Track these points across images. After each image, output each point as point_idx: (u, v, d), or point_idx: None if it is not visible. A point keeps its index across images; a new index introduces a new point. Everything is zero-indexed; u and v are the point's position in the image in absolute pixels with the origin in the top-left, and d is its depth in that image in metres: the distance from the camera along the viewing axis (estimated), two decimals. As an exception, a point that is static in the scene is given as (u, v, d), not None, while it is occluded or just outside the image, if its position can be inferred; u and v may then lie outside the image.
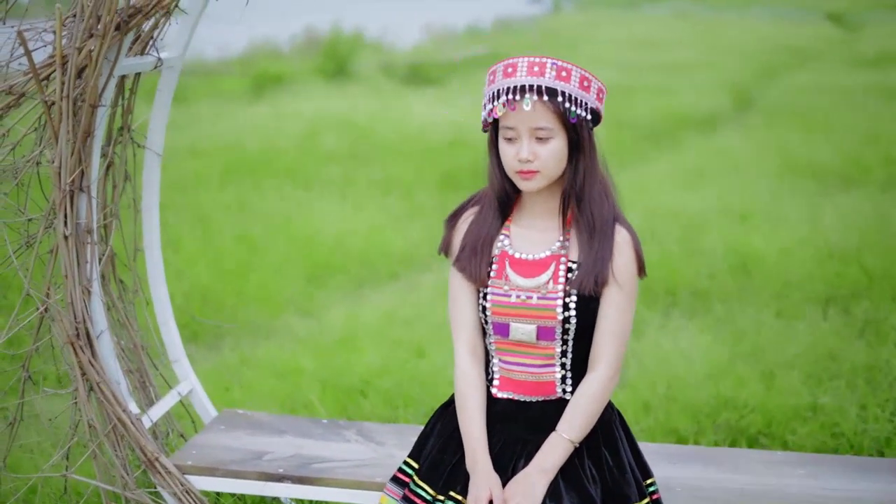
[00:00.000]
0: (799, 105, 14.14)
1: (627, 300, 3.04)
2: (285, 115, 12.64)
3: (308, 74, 16.38)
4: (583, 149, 2.99)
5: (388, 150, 10.98)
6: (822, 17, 29.34)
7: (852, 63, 18.72)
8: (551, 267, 3.02)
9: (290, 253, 7.90)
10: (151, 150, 3.77)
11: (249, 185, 9.65)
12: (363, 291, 7.49)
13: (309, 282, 7.51)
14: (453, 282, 3.15)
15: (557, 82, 2.90)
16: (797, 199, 9.14)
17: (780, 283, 6.98)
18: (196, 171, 9.79)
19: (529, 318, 3.01)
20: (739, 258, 7.40)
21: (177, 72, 3.74)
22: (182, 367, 3.95)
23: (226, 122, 12.23)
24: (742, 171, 10.33)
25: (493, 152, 3.08)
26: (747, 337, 6.14)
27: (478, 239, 3.10)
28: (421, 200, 9.46)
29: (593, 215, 3.01)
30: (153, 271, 3.91)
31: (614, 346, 3.03)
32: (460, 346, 3.14)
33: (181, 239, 7.91)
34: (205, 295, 7.01)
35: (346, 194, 9.61)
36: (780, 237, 7.80)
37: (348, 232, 8.41)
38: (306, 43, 19.49)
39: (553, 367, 3.05)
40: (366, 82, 15.73)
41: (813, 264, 7.23)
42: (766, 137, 12.17)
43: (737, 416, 5.13)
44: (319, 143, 11.23)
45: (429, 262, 8.09)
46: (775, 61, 19.34)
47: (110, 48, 3.21)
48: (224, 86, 15.20)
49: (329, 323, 6.70)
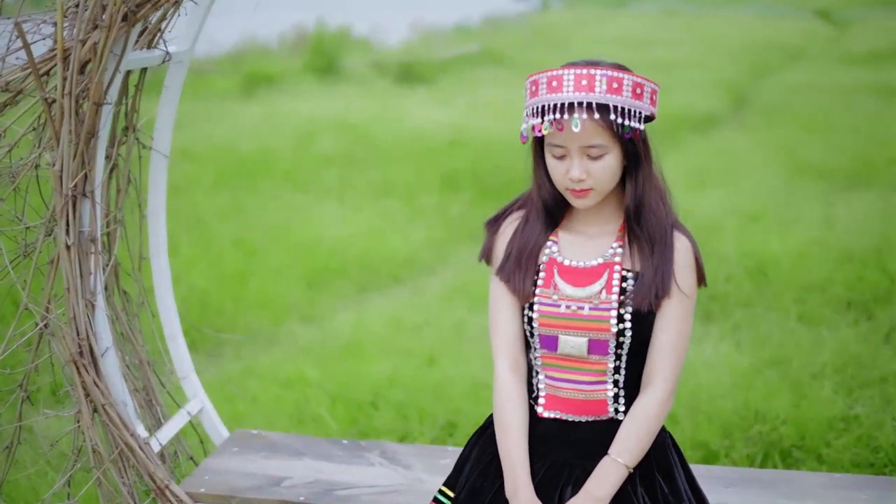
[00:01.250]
0: (796, 104, 13.93)
1: (686, 313, 2.80)
2: (278, 115, 12.37)
3: (298, 73, 16.10)
4: (639, 160, 2.75)
5: (385, 152, 10.71)
6: (809, 14, 29.23)
7: (844, 60, 18.54)
8: (604, 275, 2.77)
9: (290, 257, 7.65)
10: (158, 152, 3.49)
11: (245, 187, 9.37)
12: (366, 296, 7.25)
13: (310, 287, 7.26)
14: (495, 291, 2.90)
15: (609, 96, 2.64)
16: (807, 199, 8.91)
17: (798, 286, 6.74)
18: (189, 173, 9.50)
19: (580, 331, 2.77)
20: (755, 261, 7.15)
21: (185, 67, 3.47)
22: (191, 385, 3.68)
23: (217, 122, 11.94)
24: (747, 172, 10.08)
25: (540, 164, 2.82)
26: (770, 343, 5.90)
27: (523, 249, 2.85)
28: (421, 202, 9.20)
29: (651, 225, 2.77)
30: (159, 281, 3.62)
31: (672, 362, 2.78)
32: (501, 362, 2.88)
33: (177, 244, 7.63)
34: (203, 301, 6.75)
35: (345, 197, 9.34)
36: (794, 239, 7.56)
37: (348, 235, 8.16)
38: (295, 40, 19.22)
39: (605, 384, 2.80)
40: (357, 81, 15.45)
41: (831, 267, 6.99)
42: (767, 137, 11.94)
43: (768, 428, 4.89)
44: (315, 144, 10.96)
45: (432, 265, 7.86)
46: (766, 59, 19.17)
47: (116, 41, 2.93)
48: (213, 84, 14.90)
49: (333, 330, 6.46)
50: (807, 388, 5.24)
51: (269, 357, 5.99)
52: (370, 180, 9.84)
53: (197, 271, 7.16)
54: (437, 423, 5.05)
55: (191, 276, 7.05)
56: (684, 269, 2.78)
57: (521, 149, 2.88)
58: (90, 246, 3.07)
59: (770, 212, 8.45)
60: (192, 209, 8.52)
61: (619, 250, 2.79)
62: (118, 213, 3.43)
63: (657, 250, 2.76)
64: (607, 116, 2.64)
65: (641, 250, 2.77)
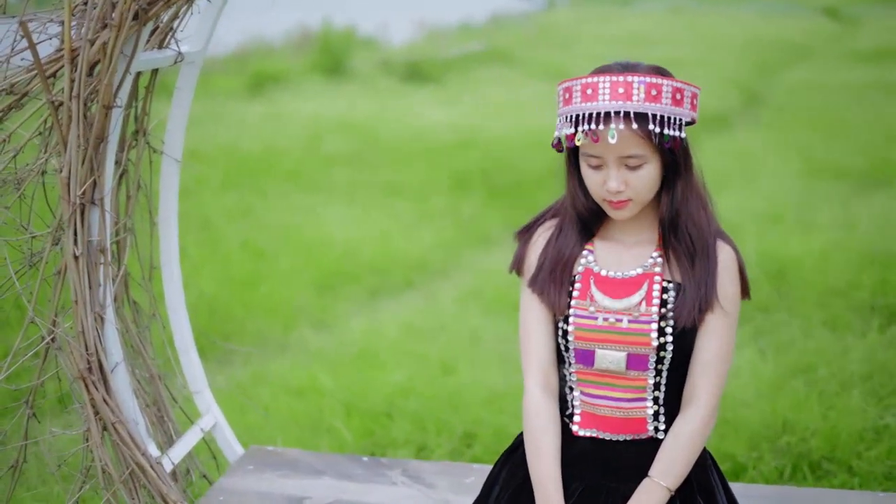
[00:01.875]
0: (808, 103, 13.77)
1: (730, 328, 2.65)
2: (284, 115, 12.19)
3: (304, 72, 15.93)
4: (679, 169, 2.59)
5: (392, 151, 10.55)
6: (816, 11, 29.04)
7: (851, 58, 18.36)
8: (644, 286, 2.62)
9: (300, 260, 7.49)
10: (169, 156, 3.34)
11: (252, 189, 9.21)
12: (378, 301, 7.09)
13: (320, 291, 7.10)
14: (526, 304, 2.75)
15: (647, 104, 2.49)
16: (826, 200, 8.74)
17: (821, 290, 6.58)
18: (195, 174, 9.33)
19: (618, 345, 2.62)
20: (775, 264, 6.98)
21: (198, 68, 3.31)
22: (204, 400, 3.52)
23: (223, 122, 11.77)
24: (763, 172, 9.92)
25: (573, 173, 2.68)
26: (794, 350, 5.74)
27: (557, 261, 2.70)
28: (431, 204, 9.03)
29: (692, 235, 2.62)
30: (171, 292, 3.46)
31: (714, 379, 2.63)
32: (531, 379, 2.73)
33: (184, 247, 7.44)
34: (212, 306, 6.60)
35: (353, 198, 9.18)
36: (815, 241, 7.39)
37: (358, 238, 8.01)
38: (300, 40, 19.06)
39: (644, 401, 2.65)
40: (363, 80, 15.28)
41: (853, 270, 6.83)
42: (780, 136, 11.78)
43: (796, 439, 4.74)
44: (322, 144, 10.79)
45: (444, 268, 7.70)
46: (772, 57, 19.00)
47: (126, 40, 2.78)
48: (218, 84, 14.73)
49: (345, 336, 6.31)
50: (835, 397, 5.09)
51: (280, 364, 5.84)
52: (378, 181, 9.68)
53: (205, 275, 7.01)
54: (454, 433, 4.90)
55: (199, 281, 6.90)
56: (728, 281, 2.63)
57: (531, 148, 2.74)
58: (99, 256, 2.92)
59: (788, 213, 8.28)
60: (200, 211, 8.36)
61: (660, 260, 2.64)
62: (128, 220, 3.27)
63: (699, 262, 2.61)
64: (646, 126, 2.49)
65: (681, 262, 2.62)
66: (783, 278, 6.82)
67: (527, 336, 2.74)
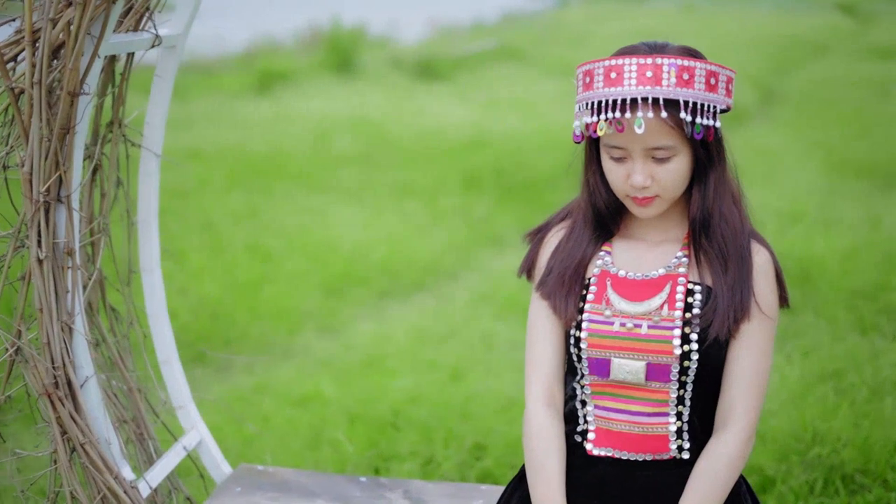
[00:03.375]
0: (826, 99, 13.48)
1: (768, 338, 2.37)
2: (292, 114, 11.91)
3: (312, 71, 15.67)
4: (711, 162, 2.32)
5: (403, 151, 10.25)
6: (830, 8, 28.71)
7: (868, 55, 18.01)
8: (666, 288, 2.34)
9: (306, 263, 7.22)
10: (149, 150, 3.05)
11: (258, 189, 8.93)
12: (387, 304, 6.81)
13: (327, 295, 6.83)
14: (534, 310, 2.47)
15: (679, 90, 2.21)
16: (849, 198, 8.43)
17: (847, 292, 6.27)
18: (199, 174, 9.07)
19: (637, 353, 2.34)
20: (799, 265, 6.68)
21: (179, 53, 3.02)
22: (188, 415, 3.22)
23: (229, 121, 11.51)
24: (783, 169, 9.61)
25: (593, 166, 2.39)
26: (821, 355, 5.45)
27: (568, 264, 2.42)
28: (443, 205, 8.74)
29: (724, 237, 2.34)
30: (152, 298, 3.18)
31: (752, 396, 2.35)
32: (533, 394, 2.46)
33: (185, 249, 7.21)
34: (214, 311, 6.33)
35: (363, 199, 8.90)
36: (839, 240, 7.08)
37: (367, 239, 7.73)
38: (310, 38, 18.83)
39: (666, 416, 2.36)
40: (373, 79, 15.01)
41: (880, 270, 6.53)
42: (800, 133, 11.48)
43: (828, 450, 4.43)
44: (331, 143, 10.50)
45: (455, 270, 7.42)
46: (788, 54, 18.70)
47: (94, 20, 2.50)
48: (225, 83, 14.47)
49: (352, 341, 6.04)
50: (867, 404, 4.79)
51: (283, 372, 5.58)
52: (389, 181, 9.39)
53: (207, 279, 6.75)
54: (463, 445, 4.62)
55: (201, 285, 6.64)
56: (765, 286, 2.36)
57: (544, 146, 2.46)
58: (67, 259, 2.64)
59: (810, 211, 7.96)
60: (203, 212, 8.10)
61: (685, 260, 2.36)
62: (102, 220, 2.99)
63: (732, 265, 2.33)
64: (676, 114, 2.21)
65: (712, 265, 2.33)
66: (808, 279, 6.52)
67: (532, 346, 2.47)
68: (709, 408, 2.39)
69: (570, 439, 2.45)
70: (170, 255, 7.08)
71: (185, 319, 6.09)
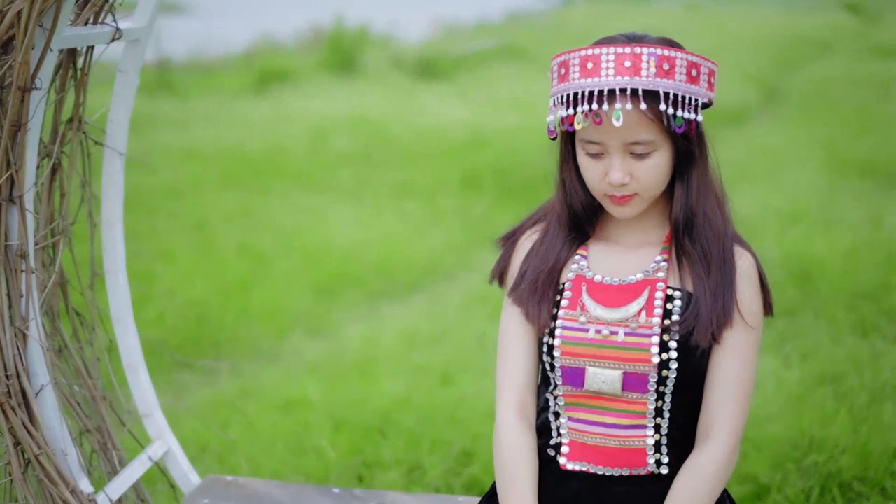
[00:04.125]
0: (830, 98, 13.31)
1: (753, 346, 2.24)
2: (291, 113, 11.80)
3: (314, 70, 15.56)
4: (694, 158, 2.20)
5: (403, 151, 10.13)
6: (835, 6, 28.56)
7: (874, 54, 17.83)
8: (644, 294, 2.21)
9: (300, 264, 7.09)
10: (112, 149, 2.93)
11: (254, 189, 8.81)
12: (380, 306, 6.67)
13: (319, 296, 6.69)
14: (506, 318, 2.36)
15: (658, 80, 2.09)
16: (851, 197, 8.28)
17: (848, 292, 6.14)
18: (194, 173, 8.97)
19: (613, 362, 2.22)
20: (799, 264, 6.55)
21: (143, 47, 2.90)
22: (155, 424, 3.10)
23: (226, 121, 11.40)
24: (785, 168, 9.46)
25: (569, 163, 2.27)
26: (820, 357, 5.32)
27: (541, 269, 2.30)
28: (441, 204, 8.61)
29: (706, 239, 2.22)
30: (117, 303, 3.05)
31: (737, 408, 2.24)
32: (504, 405, 2.36)
33: (175, 249, 7.09)
34: (202, 313, 6.20)
35: (360, 198, 8.77)
36: (841, 240, 6.94)
37: (363, 240, 7.60)
38: (312, 38, 18.74)
39: (643, 428, 2.24)
40: (374, 78, 14.89)
41: (882, 271, 6.39)
42: (803, 132, 11.31)
43: (825, 457, 4.31)
44: (329, 142, 10.39)
45: (452, 271, 7.28)
46: (792, 53, 18.57)
47: (45, 12, 2.38)
48: (225, 83, 14.37)
49: (342, 344, 5.92)
50: (866, 409, 4.67)
51: (270, 376, 5.45)
52: (387, 180, 9.27)
53: (197, 280, 6.63)
54: (451, 451, 4.50)
55: (189, 286, 6.52)
56: (749, 292, 2.23)
57: (546, 146, 2.34)
58: (20, 262, 2.52)
59: (812, 210, 7.82)
60: (194, 213, 7.98)
61: (664, 264, 2.23)
62: (62, 221, 2.86)
63: (715, 270, 2.21)
64: (656, 106, 2.09)
65: (694, 269, 2.21)
66: (808, 280, 6.39)
67: (503, 355, 2.35)
68: (690, 420, 2.28)
69: (542, 453, 2.34)
70: (158, 255, 6.98)
71: (172, 321, 5.98)
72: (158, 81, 13.58)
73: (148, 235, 7.36)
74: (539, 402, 2.37)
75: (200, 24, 23.34)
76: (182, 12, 30.88)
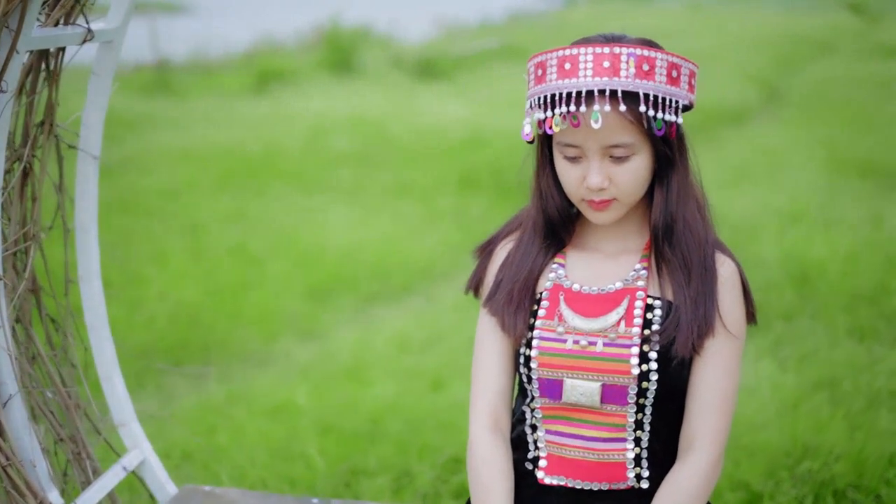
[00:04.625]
0: (831, 98, 13.22)
1: (734, 356, 2.18)
2: (290, 114, 11.74)
3: (314, 70, 15.51)
4: (674, 162, 2.13)
5: (401, 151, 10.07)
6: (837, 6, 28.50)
7: (876, 54, 17.74)
8: (623, 303, 2.15)
9: (293, 267, 7.02)
10: (86, 152, 2.87)
11: (250, 190, 8.74)
12: (374, 309, 6.59)
13: (313, 299, 6.62)
14: (481, 329, 2.30)
15: (638, 82, 2.03)
16: (851, 197, 8.20)
17: (847, 295, 6.07)
18: (190, 174, 8.91)
19: (591, 373, 2.15)
20: (798, 266, 6.48)
21: (117, 48, 2.83)
22: (131, 434, 3.03)
23: (223, 121, 11.33)
24: (785, 168, 9.38)
25: (545, 167, 2.21)
26: (817, 361, 5.26)
27: (517, 277, 2.23)
28: (439, 205, 8.54)
29: (687, 245, 2.15)
30: (92, 310, 2.99)
31: (719, 419, 2.16)
32: (477, 417, 2.28)
33: (168, 252, 7.02)
34: (193, 316, 6.14)
35: (357, 199, 8.70)
36: (840, 241, 6.87)
37: (359, 241, 7.54)
38: (313, 37, 18.71)
39: (623, 441, 2.17)
40: (373, 78, 14.83)
41: (882, 273, 6.32)
42: (803, 131, 11.23)
43: (819, 464, 4.24)
44: (326, 143, 10.32)
45: (448, 272, 7.20)
46: (794, 52, 18.51)
47: (11, 12, 2.32)
48: (225, 83, 14.32)
49: (334, 348, 5.85)
50: (862, 415, 4.60)
51: (259, 380, 5.39)
52: (384, 181, 9.21)
53: (188, 283, 6.57)
54: (439, 458, 4.43)
55: (181, 289, 6.46)
56: (732, 300, 2.16)
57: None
58: (-13, 270, 2.46)
59: (812, 211, 7.75)
60: (188, 214, 7.91)
61: (644, 273, 2.17)
62: (33, 226, 2.80)
63: (696, 277, 2.14)
64: (636, 108, 2.02)
65: (674, 277, 2.14)
66: (806, 282, 6.32)
67: (478, 366, 2.29)
68: (672, 432, 2.21)
69: (520, 467, 2.27)
70: (152, 259, 6.92)
71: (163, 325, 5.92)
72: (157, 82, 13.53)
73: (142, 237, 7.31)
74: (515, 414, 2.31)
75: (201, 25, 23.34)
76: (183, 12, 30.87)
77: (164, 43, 15.86)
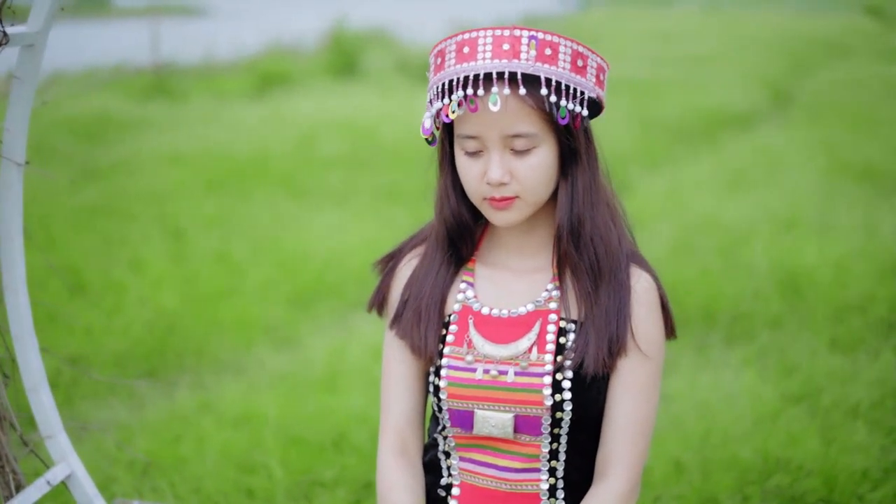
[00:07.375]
0: (841, 102, 13.09)
1: (652, 375, 2.08)
2: (286, 117, 11.65)
3: (319, 74, 15.44)
4: (579, 158, 2.02)
5: (394, 155, 9.96)
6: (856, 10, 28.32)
7: (890, 57, 17.61)
8: (535, 327, 2.05)
9: (276, 273, 6.93)
10: (9, 160, 2.79)
11: (237, 194, 8.66)
12: (355, 317, 6.47)
13: (294, 307, 6.53)
14: (388, 350, 2.22)
15: (539, 65, 1.93)
16: (849, 203, 8.06)
17: (836, 305, 5.95)
18: (178, 178, 8.83)
19: (503, 404, 2.06)
20: (788, 274, 6.36)
21: (40, 53, 2.75)
22: (58, 446, 2.94)
23: (220, 124, 11.26)
24: (786, 173, 9.25)
25: (445, 168, 2.11)
26: (799, 373, 5.15)
27: (421, 294, 2.14)
28: (427, 210, 8.40)
29: (597, 254, 2.04)
30: (17, 322, 2.90)
31: (635, 443, 2.07)
32: (384, 444, 2.20)
33: (148, 258, 6.94)
34: (171, 323, 6.06)
35: (346, 204, 8.62)
36: (833, 249, 6.73)
37: (345, 247, 7.42)
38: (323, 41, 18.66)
39: (538, 472, 2.09)
40: (376, 81, 14.76)
41: (872, 281, 6.20)
42: (809, 136, 11.08)
43: (790, 479, 4.14)
44: (318, 147, 10.24)
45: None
46: (808, 55, 18.44)
47: (-89, 16, 2.25)
48: (226, 86, 14.26)
49: (310, 356, 5.75)
50: (838, 429, 4.49)
51: (231, 389, 5.30)
52: (375, 185, 9.12)
53: (168, 289, 6.48)
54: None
55: (160, 295, 6.38)
56: (646, 317, 2.06)
57: None
58: None
59: (807, 217, 7.61)
60: (171, 219, 7.83)
61: (556, 293, 2.07)
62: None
63: (605, 288, 2.04)
64: (537, 93, 1.93)
65: (581, 284, 2.05)
66: (795, 290, 6.21)
67: (385, 391, 2.20)
68: (588, 460, 2.12)
69: (433, 492, 2.18)
70: (133, 264, 6.85)
71: (138, 333, 5.84)
72: (155, 86, 13.48)
73: (123, 242, 7.23)
74: (429, 440, 2.22)
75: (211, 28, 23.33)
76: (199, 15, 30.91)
77: (176, 46, 15.83)
